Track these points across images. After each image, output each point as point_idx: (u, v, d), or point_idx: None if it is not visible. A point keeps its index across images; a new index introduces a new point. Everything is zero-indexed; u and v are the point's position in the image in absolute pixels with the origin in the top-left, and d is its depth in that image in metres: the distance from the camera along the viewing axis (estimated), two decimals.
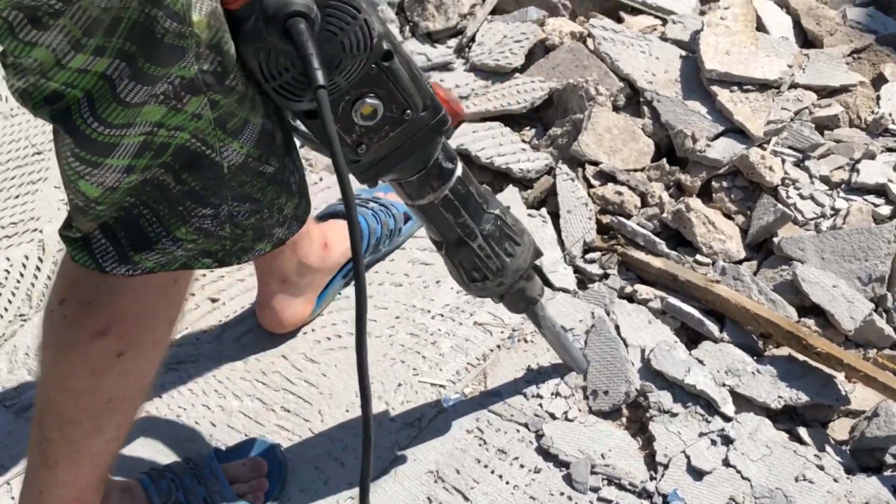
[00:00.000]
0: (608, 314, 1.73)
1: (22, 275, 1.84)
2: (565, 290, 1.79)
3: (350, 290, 1.81)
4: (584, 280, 1.83)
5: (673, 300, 1.73)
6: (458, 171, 1.33)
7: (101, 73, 0.96)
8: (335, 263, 1.74)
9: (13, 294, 1.81)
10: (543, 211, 1.92)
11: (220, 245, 1.13)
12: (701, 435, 1.59)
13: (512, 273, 1.43)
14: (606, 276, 1.81)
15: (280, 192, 1.13)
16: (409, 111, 1.19)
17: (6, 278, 1.83)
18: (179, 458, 1.56)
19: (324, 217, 1.80)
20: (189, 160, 1.05)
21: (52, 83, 0.96)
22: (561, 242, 1.86)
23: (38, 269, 1.85)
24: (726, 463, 1.55)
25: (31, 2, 0.90)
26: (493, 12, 2.32)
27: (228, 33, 1.02)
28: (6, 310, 1.79)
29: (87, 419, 1.23)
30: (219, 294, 1.81)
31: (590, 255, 1.84)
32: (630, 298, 1.77)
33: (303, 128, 1.20)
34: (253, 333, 1.75)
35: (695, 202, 1.85)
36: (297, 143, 1.21)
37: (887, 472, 1.54)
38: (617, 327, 1.71)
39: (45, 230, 1.91)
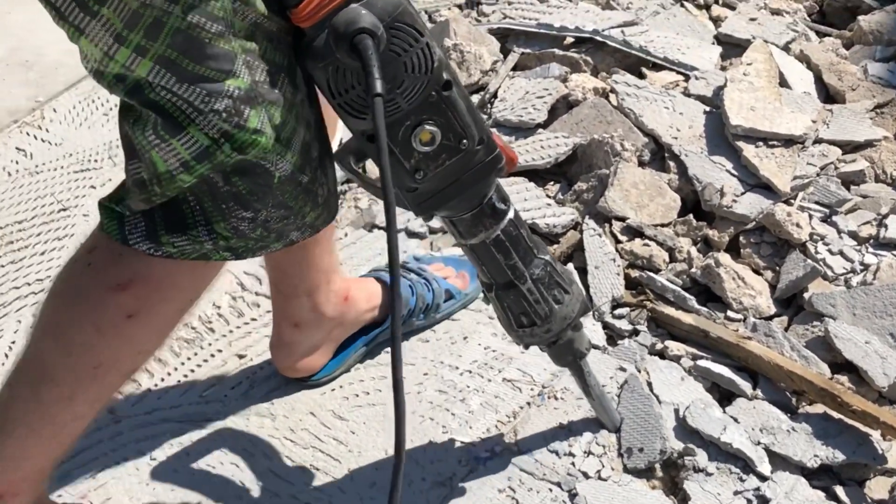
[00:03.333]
0: (639, 371, 1.72)
1: None
2: (595, 347, 1.78)
3: (379, 356, 1.79)
4: (613, 336, 1.82)
5: (703, 363, 1.72)
6: (511, 214, 1.35)
7: (144, 79, 1.01)
8: (354, 319, 1.71)
9: None
10: (570, 266, 1.92)
11: (244, 244, 1.15)
12: (736, 493, 1.57)
13: (560, 320, 1.43)
14: (636, 332, 1.80)
15: (307, 201, 1.16)
16: (465, 140, 1.22)
17: None
18: None
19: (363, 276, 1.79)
20: (244, 168, 1.08)
21: (109, 69, 1.02)
22: (589, 298, 1.85)
23: None
24: None
25: None
26: (514, 68, 2.33)
27: (273, 43, 1.06)
28: None
29: (66, 380, 1.20)
30: (246, 350, 1.80)
31: (619, 311, 1.83)
32: (661, 355, 1.76)
33: (355, 166, 1.24)
34: (281, 391, 1.73)
35: (724, 257, 1.84)
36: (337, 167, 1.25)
37: None
38: (649, 384, 1.69)
39: None
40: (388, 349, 1.76)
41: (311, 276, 1.59)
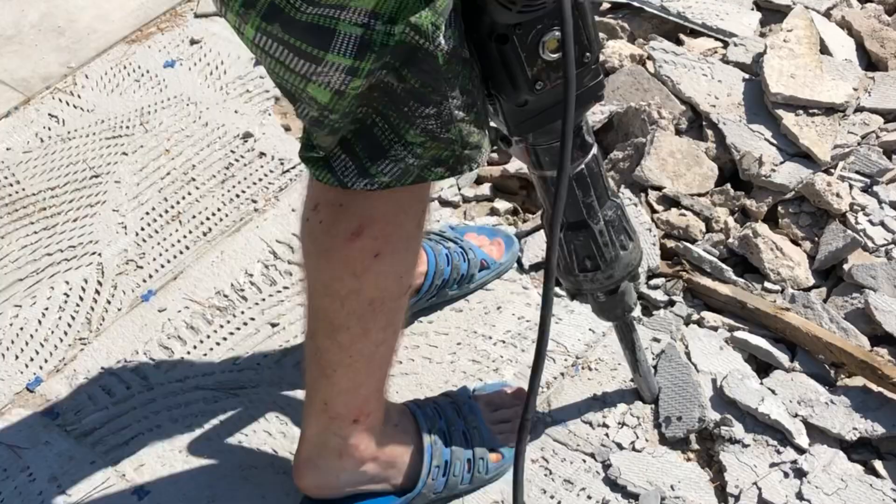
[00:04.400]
0: (677, 340, 1.70)
1: (81, 298, 1.83)
2: None
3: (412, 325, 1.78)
4: (648, 307, 1.79)
5: (740, 334, 1.69)
6: (595, 150, 1.34)
7: None
8: None
9: (72, 318, 1.80)
10: None
11: (450, 151, 1.15)
12: (773, 466, 1.55)
13: (623, 267, 1.42)
14: (672, 302, 1.77)
15: (481, 91, 1.15)
16: (588, 54, 1.20)
17: (65, 302, 1.83)
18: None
19: None
20: (408, 56, 1.05)
21: None
22: None
23: (97, 292, 1.84)
24: (799, 496, 1.51)
25: None
26: None
27: None
28: (66, 333, 1.78)
29: (353, 323, 1.28)
30: (279, 318, 1.79)
31: (654, 282, 1.81)
32: (697, 325, 1.73)
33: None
34: None
35: (762, 227, 1.81)
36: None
37: None
38: (687, 353, 1.67)
39: (103, 253, 1.90)
40: (421, 319, 1.77)
41: None
